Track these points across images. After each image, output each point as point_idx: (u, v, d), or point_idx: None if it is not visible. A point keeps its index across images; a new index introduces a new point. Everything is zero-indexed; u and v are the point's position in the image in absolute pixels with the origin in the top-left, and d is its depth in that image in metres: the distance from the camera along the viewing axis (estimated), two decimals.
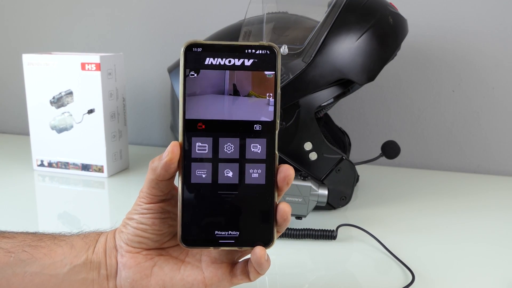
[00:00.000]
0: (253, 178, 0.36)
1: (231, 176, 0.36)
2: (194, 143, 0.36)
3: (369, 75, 0.62)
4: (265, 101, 0.36)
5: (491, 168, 0.90)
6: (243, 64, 0.36)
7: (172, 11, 1.01)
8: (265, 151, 0.36)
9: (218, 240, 0.36)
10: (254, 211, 0.36)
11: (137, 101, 1.07)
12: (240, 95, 0.36)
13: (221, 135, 0.36)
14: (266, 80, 0.36)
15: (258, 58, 0.36)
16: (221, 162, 0.36)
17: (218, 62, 0.36)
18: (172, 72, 0.70)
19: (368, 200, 0.74)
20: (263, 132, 0.36)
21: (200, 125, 0.36)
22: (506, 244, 0.59)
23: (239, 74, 0.36)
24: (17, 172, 0.87)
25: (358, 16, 0.63)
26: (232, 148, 0.36)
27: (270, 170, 0.36)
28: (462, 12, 0.86)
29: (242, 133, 0.36)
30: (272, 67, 0.36)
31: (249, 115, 0.36)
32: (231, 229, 0.36)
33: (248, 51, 0.36)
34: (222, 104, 0.36)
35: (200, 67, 0.36)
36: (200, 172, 0.36)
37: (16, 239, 0.39)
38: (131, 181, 0.84)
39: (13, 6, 1.12)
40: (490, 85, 0.87)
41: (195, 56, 0.36)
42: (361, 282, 0.51)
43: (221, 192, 0.36)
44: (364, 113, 0.94)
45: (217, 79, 0.36)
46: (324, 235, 0.59)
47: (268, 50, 0.36)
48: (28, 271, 0.37)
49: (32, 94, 0.85)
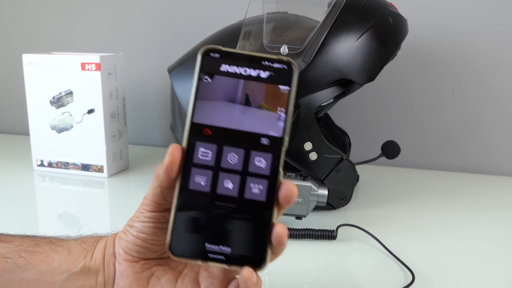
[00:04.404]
0: (253, 194, 0.34)
1: (230, 188, 0.34)
2: (198, 148, 0.35)
3: (369, 75, 0.62)
4: (276, 115, 0.35)
5: (491, 168, 0.90)
6: (259, 76, 0.35)
7: (172, 11, 1.01)
8: (269, 167, 0.34)
9: (207, 253, 0.34)
10: (249, 228, 0.34)
11: (137, 101, 1.07)
12: (252, 106, 0.35)
13: (226, 143, 0.35)
14: (280, 95, 0.35)
15: (275, 72, 0.35)
16: (222, 171, 0.35)
17: (234, 71, 0.35)
18: (172, 72, 0.70)
19: (368, 200, 0.74)
20: (270, 147, 0.35)
21: (206, 130, 0.35)
22: (506, 244, 0.59)
23: (253, 84, 0.35)
24: (17, 172, 0.87)
25: (358, 16, 0.63)
26: (236, 159, 0.35)
27: (272, 187, 0.34)
28: (462, 12, 0.86)
29: (248, 144, 0.35)
30: (287, 83, 0.35)
31: (258, 127, 0.35)
32: (222, 244, 0.34)
33: (265, 63, 0.35)
34: (231, 113, 0.35)
35: (215, 73, 0.35)
36: (199, 179, 0.35)
37: (12, 243, 0.39)
38: (131, 181, 0.84)
39: (13, 6, 1.12)
40: (490, 85, 0.87)
41: (212, 61, 0.35)
42: (361, 282, 0.51)
43: (218, 203, 0.34)
44: (364, 113, 0.94)
45: (230, 87, 0.35)
46: (324, 235, 0.59)
47: (286, 65, 0.35)
48: (25, 277, 0.37)
49: (32, 94, 0.85)
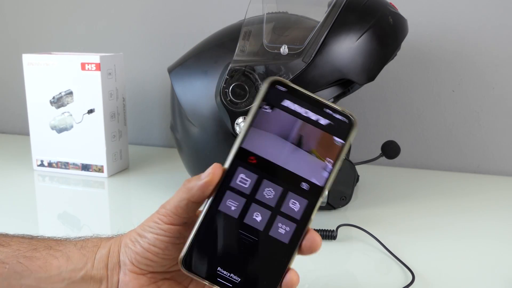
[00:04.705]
0: (278, 233, 0.34)
1: (258, 221, 0.34)
2: (239, 173, 0.35)
3: (369, 75, 0.62)
4: (323, 164, 0.35)
5: (491, 168, 0.90)
6: (318, 121, 0.35)
7: (172, 11, 1.01)
8: (301, 212, 0.34)
9: (217, 277, 0.34)
10: (264, 266, 0.34)
11: (137, 101, 1.07)
12: (302, 148, 0.35)
13: (267, 177, 0.35)
14: (333, 146, 0.35)
15: (334, 122, 0.35)
16: (255, 203, 0.34)
17: (295, 109, 0.35)
18: (172, 72, 0.70)
19: (368, 200, 0.74)
20: (308, 193, 0.34)
21: (252, 158, 0.35)
22: (506, 244, 0.59)
23: (310, 128, 0.35)
24: (17, 172, 0.87)
25: (358, 16, 0.63)
26: (272, 194, 0.35)
27: (298, 233, 0.34)
28: (462, 12, 0.86)
29: (288, 184, 0.34)
30: (344, 137, 0.35)
31: (302, 171, 0.35)
32: (234, 273, 0.33)
33: (327, 110, 0.35)
34: (281, 149, 0.35)
35: (276, 106, 0.35)
36: (231, 203, 0.34)
37: (10, 247, 0.38)
38: (131, 181, 0.84)
39: (13, 6, 1.12)
40: (490, 85, 0.87)
41: (276, 93, 0.35)
42: (361, 282, 0.51)
43: (242, 232, 0.34)
44: (364, 113, 0.94)
45: (287, 123, 0.35)
46: (324, 235, 0.59)
47: (347, 119, 0.35)
48: (24, 284, 0.36)
49: (32, 94, 0.85)
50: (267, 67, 0.61)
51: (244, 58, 0.62)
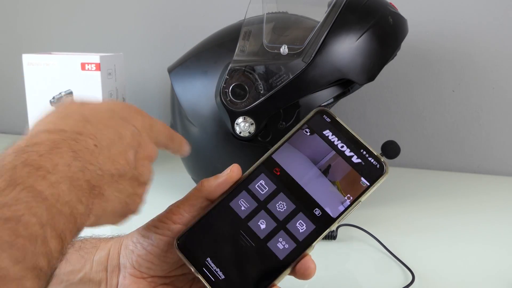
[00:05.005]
0: (276, 247, 0.34)
1: (261, 228, 0.35)
2: (260, 179, 0.36)
3: (369, 75, 0.62)
4: (342, 198, 0.35)
5: (492, 168, 0.90)
6: (350, 158, 0.36)
7: (172, 11, 1.01)
8: (306, 235, 0.34)
9: (203, 266, 0.34)
10: (252, 274, 0.34)
11: (137, 101, 1.06)
12: (327, 177, 0.36)
13: (284, 191, 0.35)
14: (357, 185, 0.35)
15: (366, 164, 0.36)
16: (265, 211, 0.35)
17: (333, 140, 0.36)
18: (172, 72, 0.70)
19: (368, 200, 0.73)
20: (318, 220, 0.35)
21: (276, 170, 0.36)
22: (506, 244, 0.59)
23: (340, 162, 0.36)
24: None
25: (358, 16, 0.63)
26: (284, 208, 0.35)
27: (295, 254, 0.34)
28: (462, 12, 0.86)
29: (301, 205, 0.35)
30: (371, 180, 0.36)
31: (319, 198, 0.35)
32: (221, 269, 0.34)
33: (363, 152, 0.36)
34: (307, 171, 0.36)
35: (316, 132, 0.37)
36: (242, 203, 0.35)
37: None
38: None
39: (13, 6, 1.12)
40: (490, 85, 0.87)
41: (320, 121, 0.37)
42: (361, 282, 0.51)
43: (242, 233, 0.35)
44: (364, 113, 0.94)
45: (320, 150, 0.36)
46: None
47: (380, 165, 0.36)
48: None
49: (32, 94, 0.85)
50: (267, 67, 0.61)
51: (244, 58, 0.62)
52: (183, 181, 0.73)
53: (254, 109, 0.61)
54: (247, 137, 0.61)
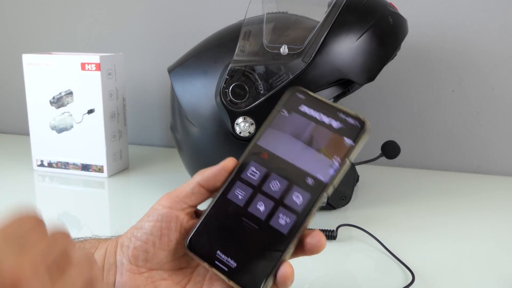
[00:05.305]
0: (278, 223, 0.35)
1: (261, 210, 0.36)
2: (250, 166, 0.37)
3: (369, 75, 0.62)
4: (330, 162, 0.36)
5: (491, 168, 0.90)
6: (330, 124, 0.37)
7: (172, 11, 1.01)
8: (303, 205, 0.35)
9: (215, 260, 0.35)
10: (260, 254, 0.34)
11: (137, 101, 1.07)
12: (312, 147, 0.36)
13: (275, 171, 0.36)
14: (342, 146, 0.36)
15: (346, 125, 0.36)
16: (261, 193, 0.36)
17: (310, 113, 0.37)
18: (172, 72, 0.70)
19: (368, 200, 0.74)
20: (312, 188, 0.35)
21: (264, 154, 0.37)
22: (506, 244, 0.59)
23: (321, 130, 0.37)
24: (17, 172, 0.87)
25: (358, 16, 0.63)
26: (277, 187, 0.36)
27: (297, 225, 0.35)
28: (462, 12, 0.86)
29: (293, 179, 0.36)
30: (353, 139, 0.36)
31: (309, 167, 0.36)
32: (231, 257, 0.35)
33: (340, 114, 0.37)
34: (292, 147, 0.37)
35: (293, 110, 0.38)
36: (238, 192, 0.37)
37: None
38: (131, 181, 0.84)
39: (13, 6, 1.12)
40: (490, 85, 0.87)
41: (296, 100, 0.38)
42: (361, 282, 0.51)
43: (245, 219, 0.36)
44: (364, 113, 0.94)
45: (301, 125, 0.37)
46: (324, 235, 0.58)
47: (359, 123, 0.36)
48: None
49: (32, 94, 0.85)
50: (267, 67, 0.61)
51: (244, 58, 0.62)
52: (183, 181, 0.73)
53: (254, 109, 0.61)
54: (247, 137, 0.61)
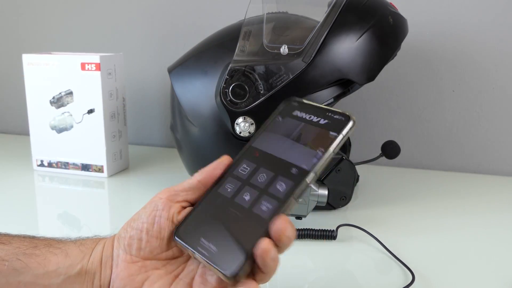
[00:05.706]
0: (260, 210, 0.36)
1: (246, 199, 0.37)
2: (242, 163, 0.39)
3: (369, 75, 0.62)
4: (314, 153, 0.37)
5: (492, 168, 0.90)
6: (318, 122, 0.38)
7: (172, 11, 1.01)
8: (285, 192, 0.36)
9: (198, 246, 0.36)
10: (240, 238, 0.35)
11: (137, 101, 1.07)
12: (300, 143, 0.38)
13: (264, 166, 0.38)
14: (326, 139, 0.37)
15: (332, 121, 0.38)
16: (248, 186, 0.38)
17: (302, 116, 0.40)
18: (172, 72, 0.70)
19: (368, 200, 0.74)
20: (295, 176, 0.36)
21: (256, 153, 0.39)
22: (506, 244, 0.59)
23: (310, 127, 0.38)
24: (17, 172, 0.87)
25: (358, 16, 0.63)
26: (264, 179, 0.37)
27: (276, 209, 0.35)
28: (462, 12, 0.86)
29: (279, 170, 0.37)
30: (338, 131, 0.37)
31: (294, 159, 0.37)
32: (213, 243, 0.36)
33: (328, 113, 0.39)
34: (282, 145, 0.39)
35: (287, 116, 0.40)
36: (228, 186, 0.38)
37: (11, 245, 0.38)
38: (131, 181, 0.84)
39: (13, 6, 1.12)
40: (490, 85, 0.87)
41: (290, 107, 0.41)
42: (361, 282, 0.51)
43: (230, 209, 0.37)
44: (364, 113, 0.94)
45: (292, 126, 0.39)
46: (324, 235, 0.58)
47: (344, 117, 0.38)
48: (22, 281, 0.37)
49: (32, 94, 0.85)
50: (267, 67, 0.61)
51: (244, 58, 0.62)
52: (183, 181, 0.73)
53: (254, 109, 0.61)
54: (247, 137, 0.61)
